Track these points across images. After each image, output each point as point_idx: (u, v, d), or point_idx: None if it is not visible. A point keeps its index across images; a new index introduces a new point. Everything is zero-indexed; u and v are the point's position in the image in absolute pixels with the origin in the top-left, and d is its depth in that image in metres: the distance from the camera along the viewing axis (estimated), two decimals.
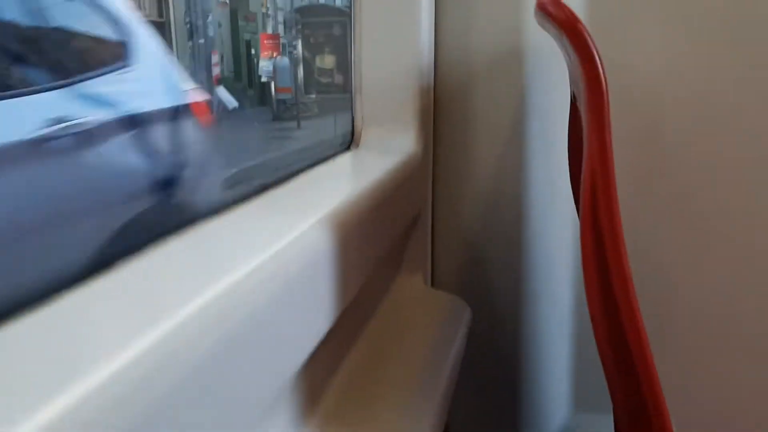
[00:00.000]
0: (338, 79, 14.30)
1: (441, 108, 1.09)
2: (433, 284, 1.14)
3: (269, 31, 12.86)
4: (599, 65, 0.52)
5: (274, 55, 12.39)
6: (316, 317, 0.63)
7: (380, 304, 0.98)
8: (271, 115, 11.80)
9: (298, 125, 10.87)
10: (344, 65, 14.38)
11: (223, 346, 0.44)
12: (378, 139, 1.03)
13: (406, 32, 1.00)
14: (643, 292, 1.00)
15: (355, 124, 1.05)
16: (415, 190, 1.03)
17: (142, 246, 0.54)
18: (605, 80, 0.53)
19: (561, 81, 1.02)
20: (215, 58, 9.75)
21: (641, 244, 1.02)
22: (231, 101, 7.97)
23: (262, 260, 0.53)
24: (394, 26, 1.01)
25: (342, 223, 0.67)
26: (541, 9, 0.54)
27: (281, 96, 12.67)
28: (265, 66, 12.85)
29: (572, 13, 0.51)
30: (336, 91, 13.89)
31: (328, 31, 15.13)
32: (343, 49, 14.32)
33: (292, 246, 0.57)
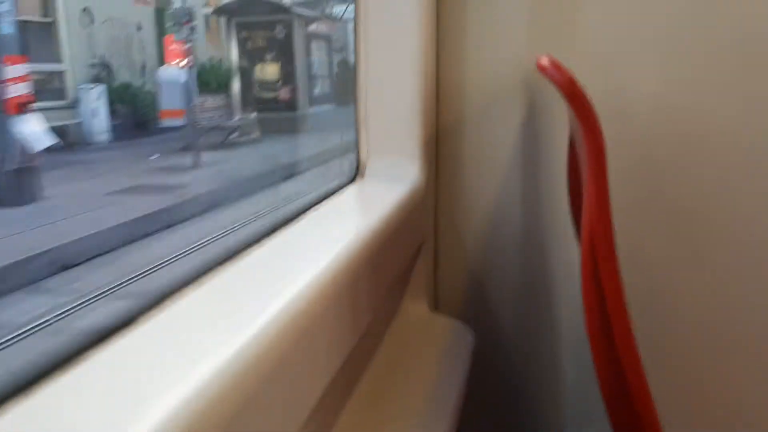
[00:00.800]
0: (284, 93, 11.73)
1: (444, 138, 1.12)
2: (437, 310, 1.17)
3: (181, 34, 9.56)
4: (598, 128, 0.55)
5: (184, 63, 9.61)
6: (333, 349, 0.66)
7: (387, 331, 1.01)
8: (151, 149, 8.66)
9: (196, 164, 7.94)
10: (291, 75, 11.99)
11: (253, 385, 0.47)
12: (383, 170, 1.06)
13: (409, 66, 1.03)
14: (640, 312, 1.03)
15: (360, 155, 1.07)
16: (420, 219, 1.06)
17: None
18: (603, 141, 0.56)
19: (559, 113, 1.05)
20: (16, 71, 5.62)
21: (638, 265, 1.05)
22: (41, 138, 5.79)
23: (283, 304, 0.56)
24: (398, 60, 1.04)
25: (352, 263, 0.70)
26: (542, 71, 0.57)
27: (169, 123, 9.53)
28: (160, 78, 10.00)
29: (571, 78, 0.54)
30: (281, 108, 11.50)
31: (270, 32, 12.01)
32: (288, 55, 11.90)
33: (307, 291, 0.60)
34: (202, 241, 4.81)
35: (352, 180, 1.06)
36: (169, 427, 0.39)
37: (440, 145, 1.12)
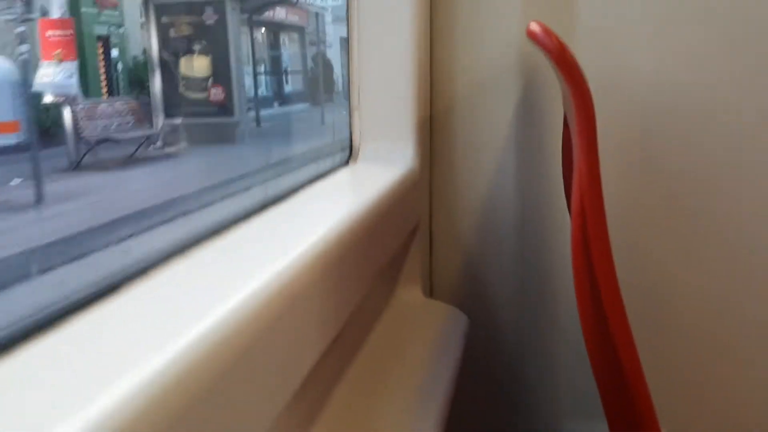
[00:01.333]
0: (215, 94, 9.39)
1: (437, 122, 1.11)
2: (431, 294, 1.16)
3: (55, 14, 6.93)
4: (588, 94, 0.54)
5: (65, 57, 7.06)
6: (319, 330, 0.65)
7: (381, 315, 1.00)
8: None
9: (39, 199, 5.06)
10: (225, 71, 9.59)
11: (231, 361, 0.46)
12: (376, 154, 1.05)
13: (402, 49, 1.03)
14: (635, 303, 1.02)
15: (353, 138, 1.07)
16: (414, 203, 1.05)
17: None
18: (593, 107, 0.55)
19: (553, 95, 1.04)
20: None
21: (632, 249, 1.04)
22: None
23: (266, 279, 0.55)
24: (391, 43, 1.03)
25: (341, 241, 0.69)
26: (531, 37, 0.56)
27: None
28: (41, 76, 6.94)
29: (560, 43, 0.53)
30: (213, 112, 9.23)
31: (197, 17, 9.41)
32: (221, 46, 9.51)
33: (293, 265, 0.60)
34: None
35: (345, 163, 1.05)
36: (140, 398, 0.38)
37: (434, 129, 1.11)
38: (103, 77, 10.82)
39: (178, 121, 9.00)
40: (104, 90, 10.80)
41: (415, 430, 0.76)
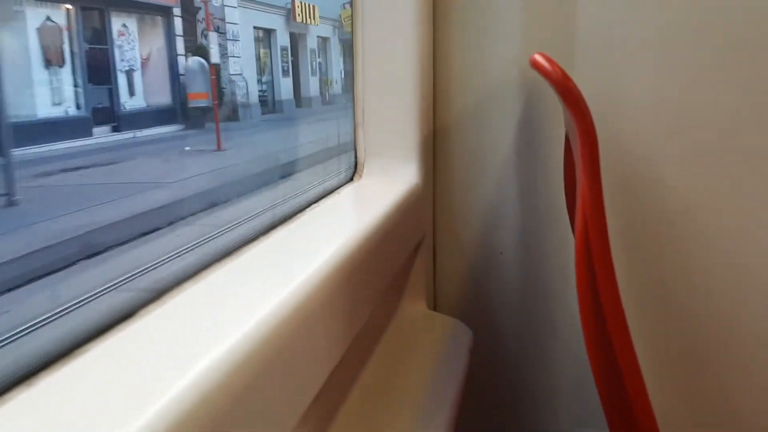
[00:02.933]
0: None
1: (441, 137, 1.13)
2: (435, 308, 1.18)
3: None
4: (590, 121, 0.56)
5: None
6: (329, 348, 0.66)
7: (386, 329, 1.02)
8: None
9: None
10: None
11: (248, 381, 0.48)
12: (380, 170, 1.06)
13: (406, 65, 1.04)
14: (637, 316, 1.03)
15: (357, 155, 1.08)
16: (418, 218, 1.06)
17: None
18: (596, 134, 0.57)
19: (554, 110, 1.05)
20: None
21: (632, 257, 1.06)
22: None
23: (279, 302, 0.56)
24: (395, 61, 1.05)
25: (350, 260, 0.71)
26: (535, 67, 0.57)
27: None
28: None
29: (564, 73, 0.55)
30: None
31: None
32: None
33: (305, 286, 0.61)
34: None
35: (350, 179, 1.07)
36: (165, 421, 0.39)
37: (438, 144, 1.13)
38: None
39: None
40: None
41: None
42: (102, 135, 8.92)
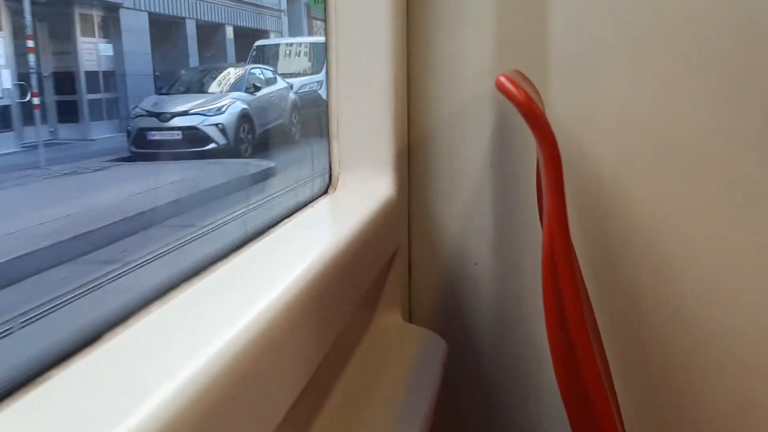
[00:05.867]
0: None
1: (415, 149, 1.13)
2: (411, 320, 1.19)
3: None
4: (554, 144, 0.57)
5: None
6: (301, 364, 0.67)
7: (360, 341, 1.02)
8: None
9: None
10: None
11: (217, 399, 0.48)
12: (355, 183, 1.07)
13: (380, 78, 1.05)
14: (607, 331, 1.05)
15: (332, 168, 1.09)
16: (393, 230, 1.07)
17: None
18: (559, 156, 0.57)
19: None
20: None
21: (602, 271, 1.07)
22: None
23: (249, 320, 0.57)
24: (369, 73, 1.05)
25: (323, 274, 0.71)
26: (500, 89, 0.58)
27: None
28: None
29: (527, 96, 0.55)
30: None
31: None
32: None
33: (276, 303, 0.61)
34: None
35: (325, 192, 1.07)
36: None
37: (412, 156, 1.14)
38: None
39: None
40: None
41: None
42: None
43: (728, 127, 0.99)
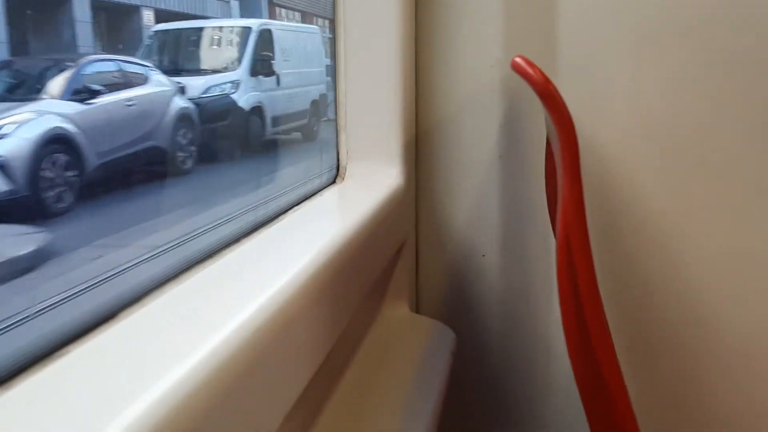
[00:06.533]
0: None
1: (424, 140, 1.13)
2: (418, 310, 1.18)
3: None
4: (571, 125, 0.56)
5: None
6: (310, 353, 0.66)
7: (368, 332, 1.02)
8: None
9: None
10: None
11: (227, 386, 0.47)
12: (363, 173, 1.06)
13: (388, 68, 1.04)
14: (620, 319, 1.04)
15: (339, 158, 1.08)
16: (401, 221, 1.06)
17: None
18: (576, 138, 0.57)
19: (536, 113, 1.06)
20: None
21: (613, 264, 1.07)
22: None
23: (259, 307, 0.56)
24: (377, 63, 1.05)
25: (332, 262, 0.71)
26: (516, 69, 0.58)
27: None
28: None
29: (544, 77, 0.55)
30: None
31: None
32: None
33: (287, 288, 0.61)
34: None
35: (332, 182, 1.07)
36: (145, 425, 0.39)
37: (420, 147, 1.13)
38: None
39: None
40: None
41: None
42: None
43: (740, 121, 0.98)
